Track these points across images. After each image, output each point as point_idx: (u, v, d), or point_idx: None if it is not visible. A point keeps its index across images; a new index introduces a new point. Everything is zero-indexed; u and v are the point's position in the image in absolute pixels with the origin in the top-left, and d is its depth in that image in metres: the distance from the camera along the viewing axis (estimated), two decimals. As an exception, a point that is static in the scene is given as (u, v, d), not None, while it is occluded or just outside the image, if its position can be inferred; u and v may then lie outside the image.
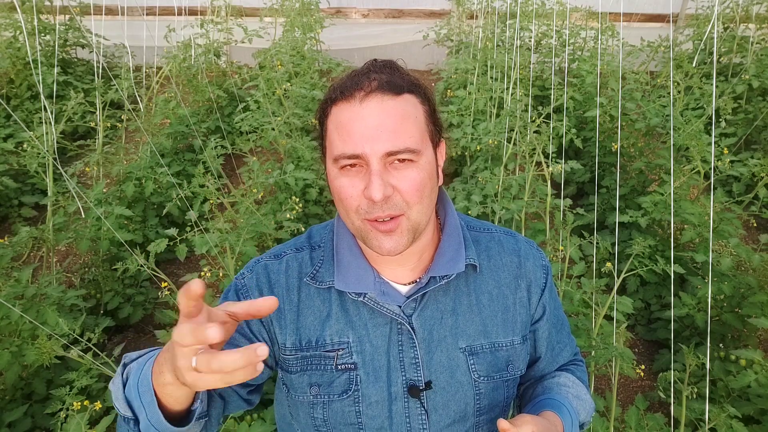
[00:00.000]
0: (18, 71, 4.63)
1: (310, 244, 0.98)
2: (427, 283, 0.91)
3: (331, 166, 0.83)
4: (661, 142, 3.83)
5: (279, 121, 3.33)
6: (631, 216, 2.84)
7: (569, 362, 1.09)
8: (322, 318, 0.92)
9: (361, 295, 0.90)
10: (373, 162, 0.78)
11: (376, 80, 0.81)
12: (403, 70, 0.87)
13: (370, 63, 0.86)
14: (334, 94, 0.83)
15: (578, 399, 0.99)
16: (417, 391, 0.90)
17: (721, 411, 1.79)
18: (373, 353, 0.90)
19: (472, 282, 0.94)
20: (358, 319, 0.91)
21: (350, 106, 0.80)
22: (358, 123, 0.79)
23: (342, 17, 6.32)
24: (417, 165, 0.81)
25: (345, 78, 0.85)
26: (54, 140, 3.01)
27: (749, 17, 4.86)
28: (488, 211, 2.64)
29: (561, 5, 4.68)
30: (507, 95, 3.62)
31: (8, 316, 2.05)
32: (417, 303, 0.91)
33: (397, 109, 0.80)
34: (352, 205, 0.82)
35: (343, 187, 0.81)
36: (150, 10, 5.72)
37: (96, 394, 2.23)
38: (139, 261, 2.06)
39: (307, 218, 3.24)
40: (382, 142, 0.78)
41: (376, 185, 0.77)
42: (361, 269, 0.91)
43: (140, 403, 0.70)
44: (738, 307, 2.48)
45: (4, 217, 3.76)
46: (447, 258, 0.91)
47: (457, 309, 0.93)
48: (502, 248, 0.98)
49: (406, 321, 0.90)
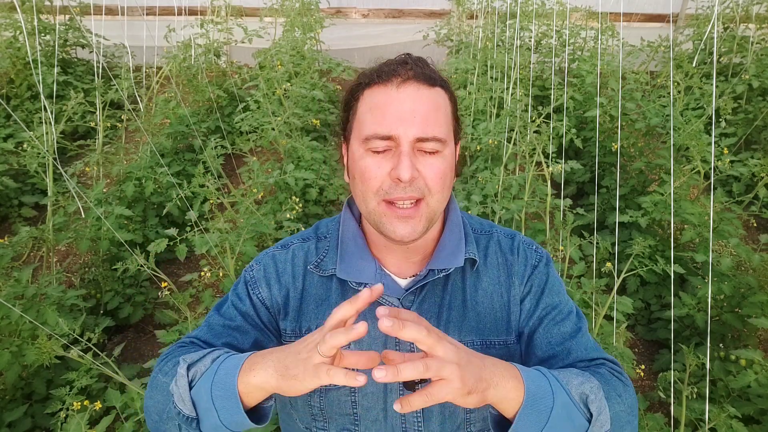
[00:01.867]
0: (18, 71, 4.63)
1: (317, 235, 1.01)
2: (426, 276, 0.92)
3: (358, 146, 0.85)
4: (661, 142, 3.83)
5: (279, 121, 3.32)
6: (631, 216, 2.84)
7: (597, 363, 0.90)
8: (322, 305, 0.94)
9: (361, 285, 0.91)
10: (404, 144, 0.81)
11: (413, 70, 0.84)
12: (434, 67, 0.90)
13: (405, 55, 0.89)
14: (368, 78, 0.86)
15: (570, 376, 0.79)
16: (412, 383, 0.90)
17: (721, 411, 1.79)
18: (371, 344, 0.91)
19: (469, 279, 0.95)
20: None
21: (387, 90, 0.83)
22: (394, 106, 0.82)
23: (342, 17, 6.32)
24: (441, 155, 0.84)
25: (379, 66, 0.87)
26: (54, 140, 3.01)
27: (749, 17, 4.85)
28: (488, 211, 2.64)
29: (561, 5, 4.68)
30: (507, 95, 3.62)
31: (8, 316, 2.05)
32: (415, 296, 0.92)
33: (430, 98, 0.84)
34: (374, 186, 0.83)
35: (369, 167, 0.83)
36: (150, 10, 5.72)
37: (96, 394, 2.23)
38: (139, 261, 2.06)
39: (307, 218, 3.24)
40: (414, 127, 0.81)
41: (406, 165, 0.80)
42: (363, 260, 0.93)
43: (211, 405, 0.73)
44: (738, 307, 2.48)
45: (4, 217, 3.76)
46: (447, 251, 0.92)
47: (453, 304, 0.93)
48: (500, 248, 0.99)
49: None
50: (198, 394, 0.76)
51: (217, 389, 0.74)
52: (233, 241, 2.27)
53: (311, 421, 0.94)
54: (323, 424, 0.93)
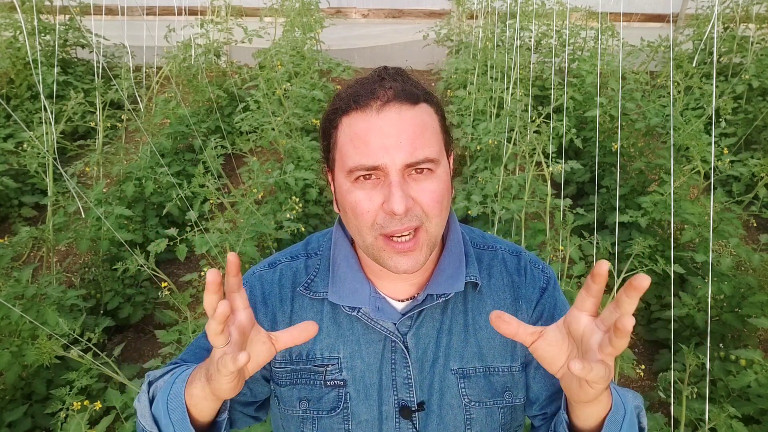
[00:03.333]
0: (18, 71, 4.63)
1: (306, 252, 0.95)
2: (424, 301, 0.86)
3: (344, 180, 0.79)
4: (661, 142, 3.83)
5: (279, 121, 3.33)
6: (631, 216, 2.84)
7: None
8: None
9: (355, 309, 0.86)
10: (392, 173, 0.74)
11: (392, 89, 0.76)
12: (415, 78, 0.83)
13: (381, 70, 0.81)
14: (344, 103, 0.78)
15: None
16: (409, 412, 0.87)
17: (721, 411, 1.79)
18: (365, 370, 0.87)
19: (470, 302, 0.90)
20: (350, 333, 0.88)
21: (366, 117, 0.76)
22: (376, 133, 0.75)
23: (342, 17, 6.32)
24: (435, 175, 0.78)
25: (355, 86, 0.80)
26: (54, 140, 3.01)
27: (749, 17, 4.86)
28: (488, 211, 2.64)
29: (561, 5, 4.68)
30: (507, 95, 3.62)
31: (8, 316, 2.05)
32: (412, 321, 0.88)
33: (415, 119, 0.76)
34: (368, 221, 0.77)
35: (360, 202, 0.77)
36: (150, 10, 5.72)
37: (96, 394, 2.23)
38: (139, 261, 2.06)
39: (307, 218, 3.24)
40: (401, 153, 0.74)
41: (398, 198, 0.73)
42: (357, 282, 0.87)
43: (168, 420, 0.73)
44: (738, 307, 2.48)
45: (4, 217, 3.76)
46: (446, 275, 0.87)
47: (453, 329, 0.88)
48: (505, 268, 0.93)
49: (400, 339, 0.87)
50: (157, 408, 0.76)
51: (171, 402, 0.74)
52: (233, 241, 2.27)
53: None
54: None
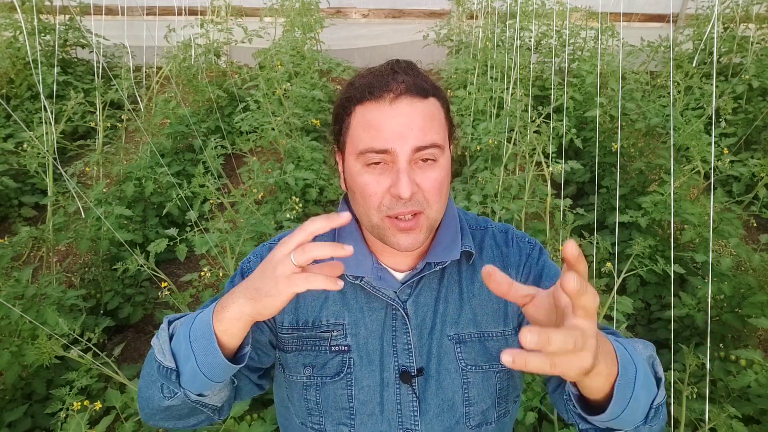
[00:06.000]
0: (18, 71, 4.63)
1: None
2: (422, 269, 0.93)
3: (354, 162, 0.85)
4: (661, 142, 3.83)
5: (279, 121, 3.33)
6: (631, 216, 2.84)
7: (607, 333, 0.85)
8: (320, 299, 0.95)
9: (358, 278, 0.92)
10: (401, 159, 0.81)
11: (404, 82, 0.83)
12: (424, 72, 0.89)
13: (393, 63, 0.87)
14: (359, 93, 0.84)
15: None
16: (409, 377, 0.91)
17: (721, 411, 1.79)
18: (367, 337, 0.93)
19: (465, 271, 0.96)
20: (354, 302, 0.94)
21: (379, 107, 0.82)
22: (389, 122, 0.81)
23: (342, 17, 6.32)
24: (438, 165, 0.84)
25: (368, 76, 0.85)
26: (54, 140, 3.01)
27: (749, 17, 4.86)
28: (488, 211, 2.64)
29: (561, 5, 4.68)
30: (507, 95, 3.62)
31: (8, 316, 2.05)
32: (412, 289, 0.94)
33: (425, 110, 0.83)
34: (375, 202, 0.84)
35: (368, 184, 0.83)
36: (150, 10, 5.72)
37: (96, 394, 2.23)
38: (139, 261, 2.06)
39: (307, 218, 3.24)
40: (411, 139, 0.81)
41: (405, 183, 0.80)
42: (360, 254, 0.93)
43: (190, 350, 0.74)
44: (738, 307, 2.48)
45: (4, 217, 3.76)
46: (443, 246, 0.93)
47: (449, 297, 0.95)
48: (495, 242, 1.00)
49: (400, 306, 0.92)
50: (177, 342, 0.77)
51: (194, 331, 0.75)
52: (233, 241, 2.27)
53: (307, 416, 0.95)
54: (319, 419, 0.94)
